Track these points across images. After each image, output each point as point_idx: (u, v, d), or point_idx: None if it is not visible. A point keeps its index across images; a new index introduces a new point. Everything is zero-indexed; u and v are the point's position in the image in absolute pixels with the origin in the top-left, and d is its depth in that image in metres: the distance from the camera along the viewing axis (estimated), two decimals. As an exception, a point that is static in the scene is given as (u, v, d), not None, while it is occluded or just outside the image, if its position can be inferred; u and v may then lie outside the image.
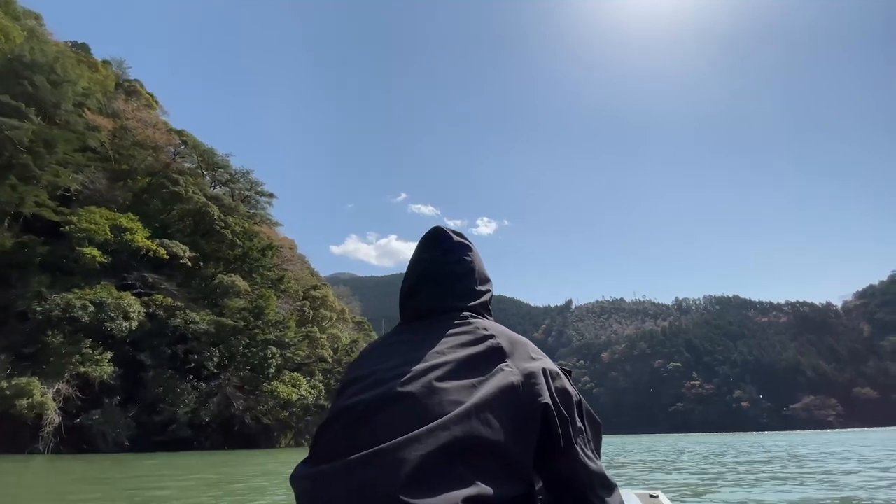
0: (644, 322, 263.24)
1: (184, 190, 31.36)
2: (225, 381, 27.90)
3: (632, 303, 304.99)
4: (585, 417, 0.88)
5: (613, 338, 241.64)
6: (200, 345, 28.03)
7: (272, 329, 30.28)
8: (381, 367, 0.82)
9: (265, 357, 28.88)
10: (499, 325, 0.91)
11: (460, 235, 1.02)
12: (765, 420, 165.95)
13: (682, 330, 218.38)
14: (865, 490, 5.69)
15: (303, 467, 0.74)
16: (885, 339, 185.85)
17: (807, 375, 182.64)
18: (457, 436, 0.67)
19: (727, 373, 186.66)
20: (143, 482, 8.53)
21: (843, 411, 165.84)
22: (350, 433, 0.72)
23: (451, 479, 0.64)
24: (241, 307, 29.32)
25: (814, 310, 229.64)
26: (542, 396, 0.77)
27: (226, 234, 31.85)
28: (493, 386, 0.75)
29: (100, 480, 9.32)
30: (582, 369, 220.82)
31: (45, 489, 7.93)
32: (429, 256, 0.98)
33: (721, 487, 6.34)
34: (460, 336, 0.85)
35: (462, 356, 0.80)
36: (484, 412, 0.71)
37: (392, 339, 0.93)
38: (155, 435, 26.18)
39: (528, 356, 0.83)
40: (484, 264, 1.04)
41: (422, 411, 0.70)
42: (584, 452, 0.82)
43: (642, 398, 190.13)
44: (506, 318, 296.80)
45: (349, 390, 0.81)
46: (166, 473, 10.68)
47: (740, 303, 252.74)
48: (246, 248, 32.26)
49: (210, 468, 12.67)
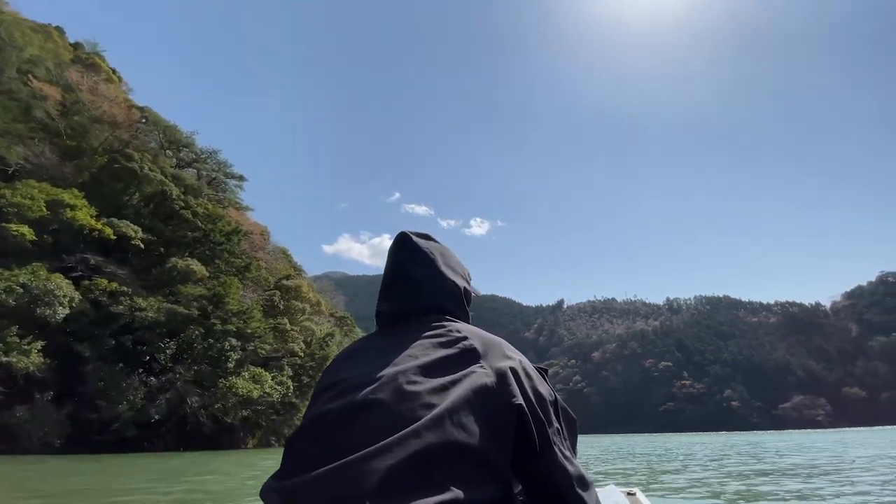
0: (635, 322, 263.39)
1: (139, 167, 28.65)
2: (177, 376, 25.21)
3: (623, 302, 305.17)
4: (561, 415, 0.87)
5: (605, 337, 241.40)
6: (151, 335, 25.36)
7: (233, 319, 27.66)
8: (352, 374, 0.80)
9: (223, 350, 26.23)
10: (473, 327, 0.90)
11: (427, 237, 1.01)
12: (755, 419, 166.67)
13: (672, 330, 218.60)
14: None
15: (273, 481, 0.71)
16: (874, 339, 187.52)
17: (796, 375, 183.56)
18: (430, 441, 0.65)
19: (717, 372, 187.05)
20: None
21: (832, 411, 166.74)
22: (321, 444, 0.70)
23: (423, 485, 0.62)
24: (197, 294, 26.63)
25: (803, 310, 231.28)
26: (516, 397, 0.76)
27: (185, 215, 29.15)
28: (466, 388, 0.74)
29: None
30: (573, 369, 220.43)
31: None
32: (394, 261, 0.98)
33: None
34: (433, 339, 0.84)
35: (434, 359, 0.79)
36: (457, 415, 0.70)
37: (365, 345, 0.91)
38: (95, 435, 23.49)
39: (502, 356, 0.82)
40: (460, 264, 1.02)
41: (394, 418, 0.68)
42: (562, 452, 0.80)
43: (633, 397, 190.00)
44: (497, 317, 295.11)
45: (321, 398, 0.79)
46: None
47: (730, 303, 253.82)
48: (207, 230, 29.55)
49: (120, 472, 10.33)
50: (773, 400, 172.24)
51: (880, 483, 6.18)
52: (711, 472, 8.29)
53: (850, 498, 5.01)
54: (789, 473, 7.75)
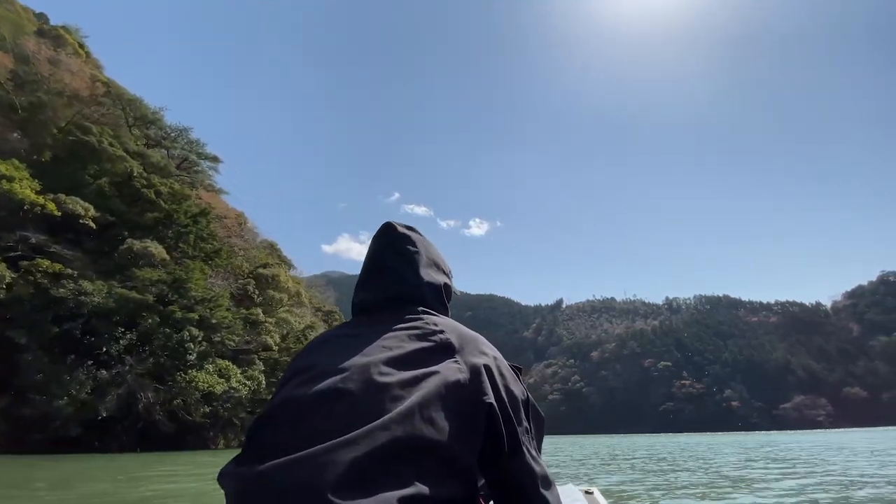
0: (634, 321, 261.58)
1: (96, 141, 26.14)
2: (128, 369, 22.65)
3: (622, 302, 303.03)
4: (531, 414, 0.86)
5: (604, 337, 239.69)
6: (103, 324, 22.83)
7: (197, 307, 25.11)
8: (323, 361, 0.78)
9: (183, 340, 23.67)
10: (451, 321, 0.88)
11: (410, 228, 1.00)
12: (755, 420, 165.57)
13: (672, 329, 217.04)
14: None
15: (233, 466, 0.69)
16: (875, 338, 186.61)
17: (797, 375, 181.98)
18: (397, 436, 0.64)
19: (717, 372, 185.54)
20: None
21: (832, 411, 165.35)
22: (285, 431, 0.68)
23: (388, 479, 0.62)
24: (155, 279, 24.07)
25: (803, 310, 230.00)
26: (488, 395, 0.75)
27: (147, 194, 26.61)
28: (437, 382, 0.72)
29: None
30: (572, 368, 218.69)
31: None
32: (375, 250, 0.97)
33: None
34: (408, 331, 0.82)
35: (408, 351, 0.77)
36: (427, 410, 0.69)
37: (339, 332, 0.89)
38: (35, 433, 20.95)
39: (477, 352, 0.81)
40: (443, 259, 1.02)
41: (362, 409, 0.67)
42: (530, 453, 0.80)
43: (632, 397, 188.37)
44: (496, 317, 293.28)
45: (289, 384, 0.77)
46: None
47: (730, 302, 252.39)
48: (170, 210, 26.99)
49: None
50: (774, 400, 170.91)
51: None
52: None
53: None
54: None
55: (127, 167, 26.31)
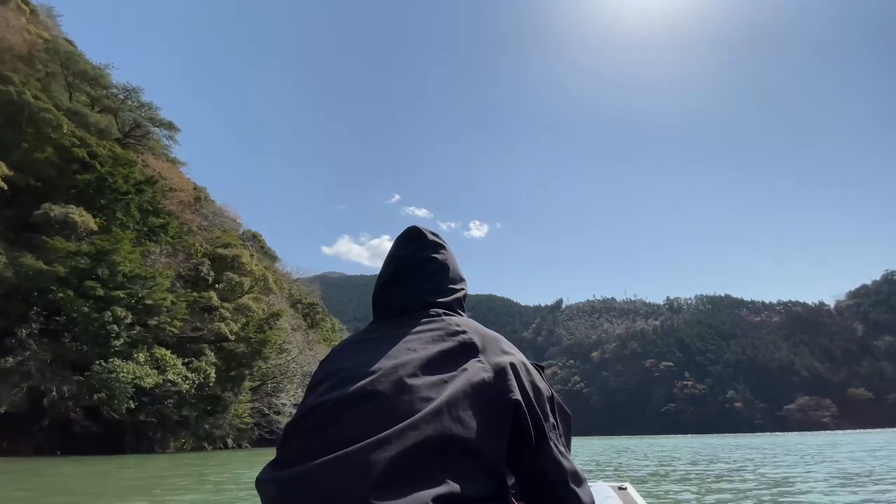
0: (635, 321, 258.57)
1: (15, 92, 22.27)
2: (31, 355, 18.67)
3: (623, 302, 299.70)
4: (557, 411, 0.88)
5: (604, 337, 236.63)
6: (8, 302, 18.91)
7: (128, 285, 21.17)
8: (349, 365, 0.80)
9: (105, 322, 19.70)
10: (471, 321, 0.90)
11: (435, 235, 1.03)
12: (759, 421, 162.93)
13: (673, 329, 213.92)
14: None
15: (269, 470, 0.71)
16: (880, 338, 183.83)
17: (801, 375, 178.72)
18: (428, 435, 0.66)
19: (720, 373, 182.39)
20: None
21: (837, 412, 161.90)
22: (318, 434, 0.70)
23: (421, 478, 0.63)
24: (73, 251, 20.11)
25: (806, 309, 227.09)
26: (514, 392, 0.77)
27: (78, 153, 22.70)
28: (464, 382, 0.74)
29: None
30: (572, 369, 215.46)
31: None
32: (404, 253, 0.98)
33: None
34: (432, 332, 0.84)
35: (433, 352, 0.78)
36: (455, 409, 0.70)
37: (364, 337, 0.91)
38: None
39: (499, 351, 0.83)
40: (458, 265, 1.04)
41: (392, 410, 0.69)
42: (557, 448, 0.81)
43: (633, 398, 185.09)
44: (496, 317, 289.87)
45: (318, 389, 0.79)
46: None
47: (732, 302, 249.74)
48: (104, 173, 23.04)
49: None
50: (777, 401, 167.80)
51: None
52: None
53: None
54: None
55: (53, 120, 22.37)
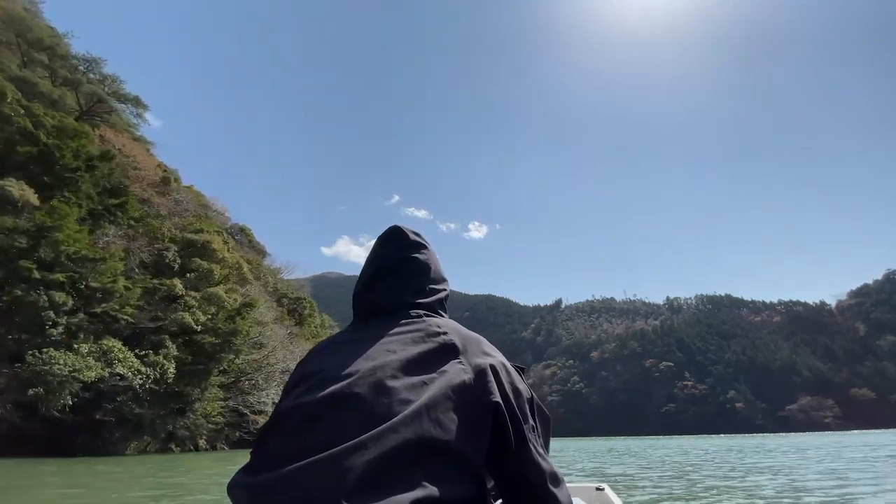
0: (635, 321, 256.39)
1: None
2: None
3: (622, 302, 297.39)
4: (536, 413, 0.87)
5: (604, 337, 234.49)
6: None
7: (73, 267, 18.81)
8: (327, 366, 0.78)
9: (41, 307, 17.35)
10: (452, 322, 0.89)
11: (417, 234, 1.01)
12: (760, 421, 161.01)
13: (673, 329, 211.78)
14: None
15: (241, 475, 0.68)
16: (882, 338, 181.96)
17: (802, 376, 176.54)
18: (407, 438, 0.65)
19: (720, 373, 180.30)
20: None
21: (840, 413, 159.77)
22: (293, 438, 0.68)
23: (398, 482, 0.62)
24: (10, 227, 17.75)
25: (807, 309, 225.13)
26: (494, 394, 0.76)
27: (21, 122, 20.34)
28: (444, 384, 0.73)
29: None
30: (571, 369, 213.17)
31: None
32: (385, 253, 0.96)
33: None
34: (412, 333, 0.82)
35: (413, 354, 0.77)
36: (435, 411, 0.69)
37: (343, 337, 0.89)
38: None
39: (480, 353, 0.81)
40: (441, 265, 1.03)
41: (370, 413, 0.67)
42: (536, 450, 0.80)
43: (633, 398, 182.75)
44: (495, 317, 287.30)
45: (295, 391, 0.77)
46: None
47: (732, 302, 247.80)
48: (50, 146, 20.68)
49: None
50: (779, 401, 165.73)
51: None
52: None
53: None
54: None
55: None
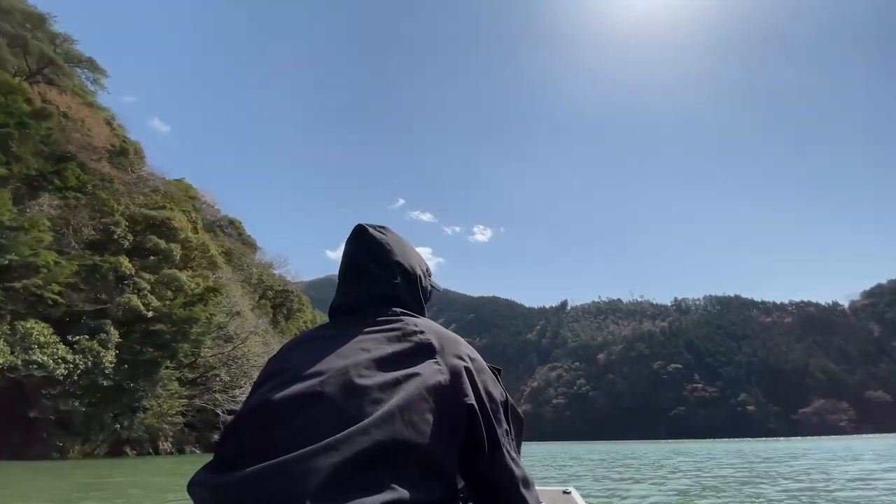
0: (642, 323, 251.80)
1: None
2: None
3: (629, 303, 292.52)
4: (510, 415, 0.85)
5: (610, 339, 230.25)
6: None
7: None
8: (300, 363, 0.75)
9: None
10: (431, 322, 0.87)
11: (382, 230, 0.97)
12: (772, 425, 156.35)
13: (682, 330, 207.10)
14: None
15: (203, 473, 0.65)
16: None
17: (815, 378, 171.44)
18: (378, 440, 0.63)
19: (731, 375, 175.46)
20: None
21: (855, 416, 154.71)
22: (259, 437, 0.65)
23: (367, 485, 0.60)
24: None
25: (819, 310, 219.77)
26: (469, 396, 0.74)
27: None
28: (419, 384, 0.71)
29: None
30: (577, 371, 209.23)
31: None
32: (349, 253, 0.95)
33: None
34: (387, 332, 0.80)
35: (387, 352, 0.75)
36: (409, 413, 0.67)
37: (316, 334, 0.86)
38: None
39: (457, 354, 0.79)
40: (419, 257, 1.00)
41: (340, 413, 0.65)
42: (509, 454, 0.80)
43: (641, 401, 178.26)
44: (500, 319, 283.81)
45: (263, 388, 0.74)
46: None
47: (742, 303, 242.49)
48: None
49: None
50: (792, 404, 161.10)
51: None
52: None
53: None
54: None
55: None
